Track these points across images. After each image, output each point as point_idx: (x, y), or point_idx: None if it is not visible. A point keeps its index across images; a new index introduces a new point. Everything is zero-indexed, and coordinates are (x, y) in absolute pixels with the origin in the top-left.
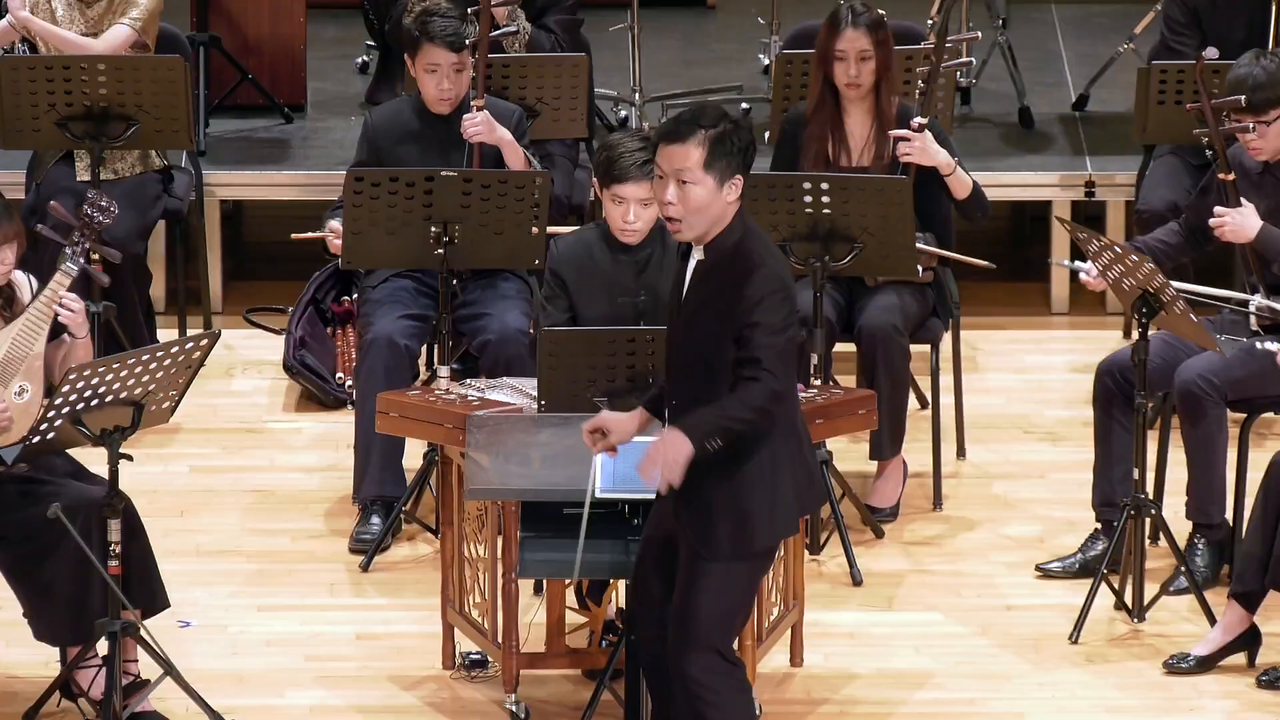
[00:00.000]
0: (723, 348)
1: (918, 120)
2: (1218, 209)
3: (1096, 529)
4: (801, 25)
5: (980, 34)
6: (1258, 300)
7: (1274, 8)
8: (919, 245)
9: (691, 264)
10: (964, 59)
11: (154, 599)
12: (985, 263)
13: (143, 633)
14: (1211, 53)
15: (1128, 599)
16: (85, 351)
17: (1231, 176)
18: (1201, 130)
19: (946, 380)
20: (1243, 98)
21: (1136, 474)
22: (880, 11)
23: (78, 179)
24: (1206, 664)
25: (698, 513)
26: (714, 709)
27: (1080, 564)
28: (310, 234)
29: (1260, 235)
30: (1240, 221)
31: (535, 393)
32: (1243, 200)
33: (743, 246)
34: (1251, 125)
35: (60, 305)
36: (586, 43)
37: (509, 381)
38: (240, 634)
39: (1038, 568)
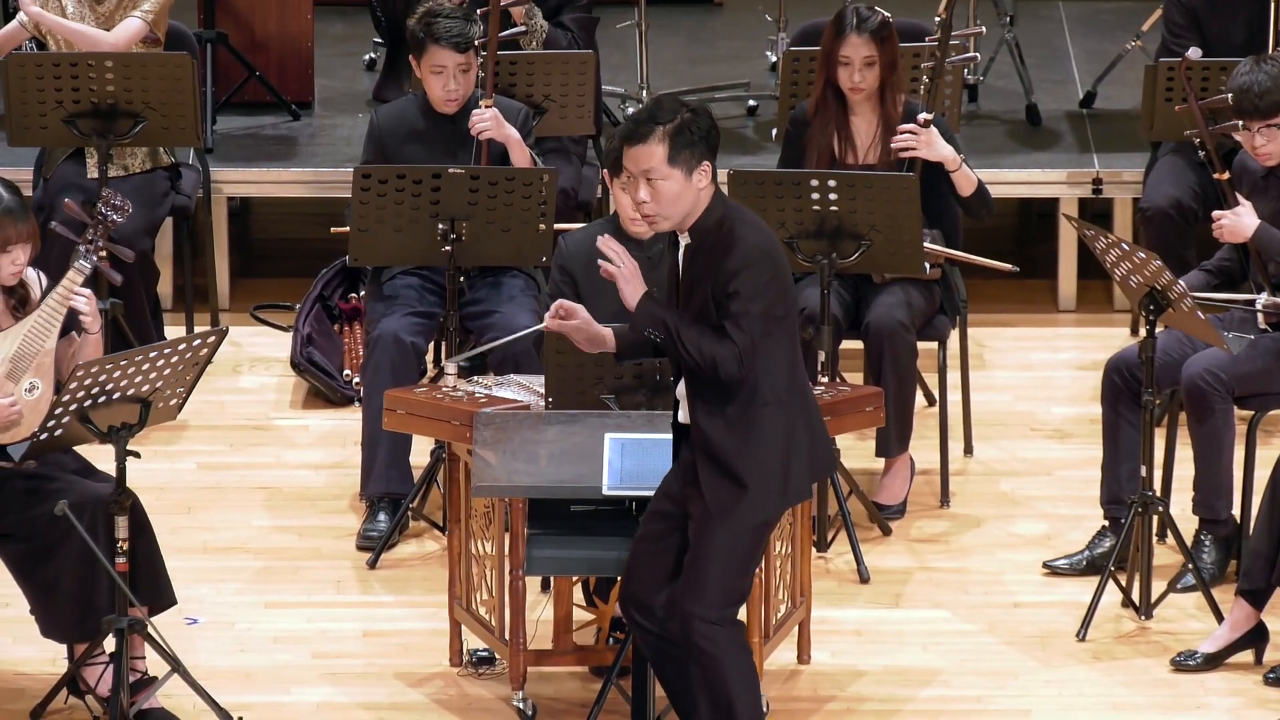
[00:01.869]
0: (709, 320)
1: (923, 115)
2: (1215, 212)
3: (1104, 526)
4: (809, 22)
5: (985, 28)
6: (1264, 298)
7: (1273, 9)
8: (934, 247)
9: (680, 251)
10: (969, 54)
11: (161, 596)
12: (1006, 265)
13: (150, 630)
14: (1194, 53)
15: (1135, 596)
16: (97, 347)
17: (1226, 176)
18: (1192, 132)
19: (954, 377)
20: (1241, 102)
21: (1144, 471)
22: (885, 13)
23: (88, 176)
24: (1213, 661)
25: (715, 481)
26: (722, 672)
27: (1087, 561)
28: (346, 229)
29: (1257, 234)
30: (1237, 221)
31: (542, 390)
32: (1240, 199)
33: (724, 224)
34: (1245, 125)
35: (73, 301)
36: (594, 40)
37: (516, 379)
38: (247, 631)
39: (1045, 565)
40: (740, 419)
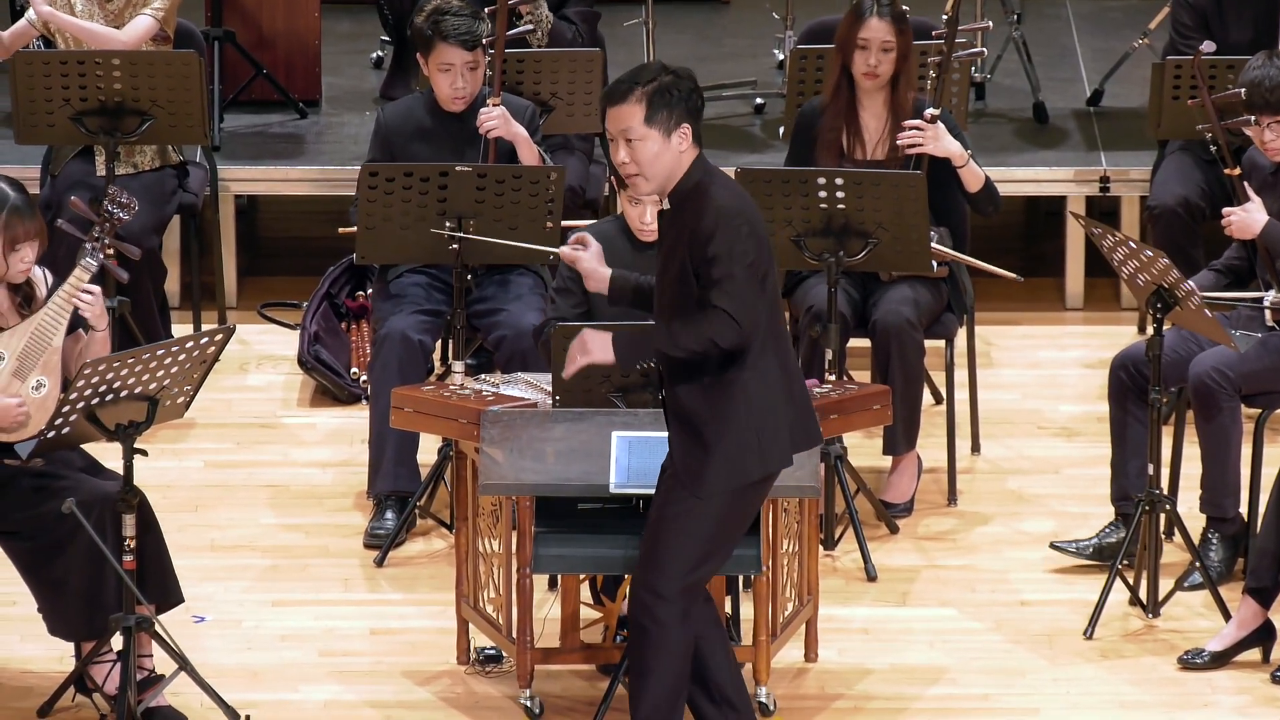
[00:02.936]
0: (689, 286)
1: (930, 111)
2: (1225, 209)
3: (1115, 520)
4: (816, 20)
5: (991, 23)
6: (1272, 296)
7: None
8: (939, 248)
9: (663, 217)
10: (976, 49)
11: (168, 594)
12: (1011, 274)
13: (157, 628)
14: (1208, 47)
15: (1142, 594)
16: (103, 345)
17: (1237, 172)
18: (1205, 126)
19: (961, 375)
20: (1252, 96)
21: (1151, 469)
22: (904, 6)
23: (96, 174)
24: (1221, 659)
25: (685, 446)
26: (647, 650)
27: (1094, 548)
28: (354, 229)
29: (1266, 230)
30: (1246, 217)
31: (549, 388)
32: (1250, 196)
33: (699, 187)
34: (1256, 120)
35: (79, 299)
36: (601, 37)
37: (523, 376)
38: (254, 629)
39: (1052, 544)
40: (714, 385)
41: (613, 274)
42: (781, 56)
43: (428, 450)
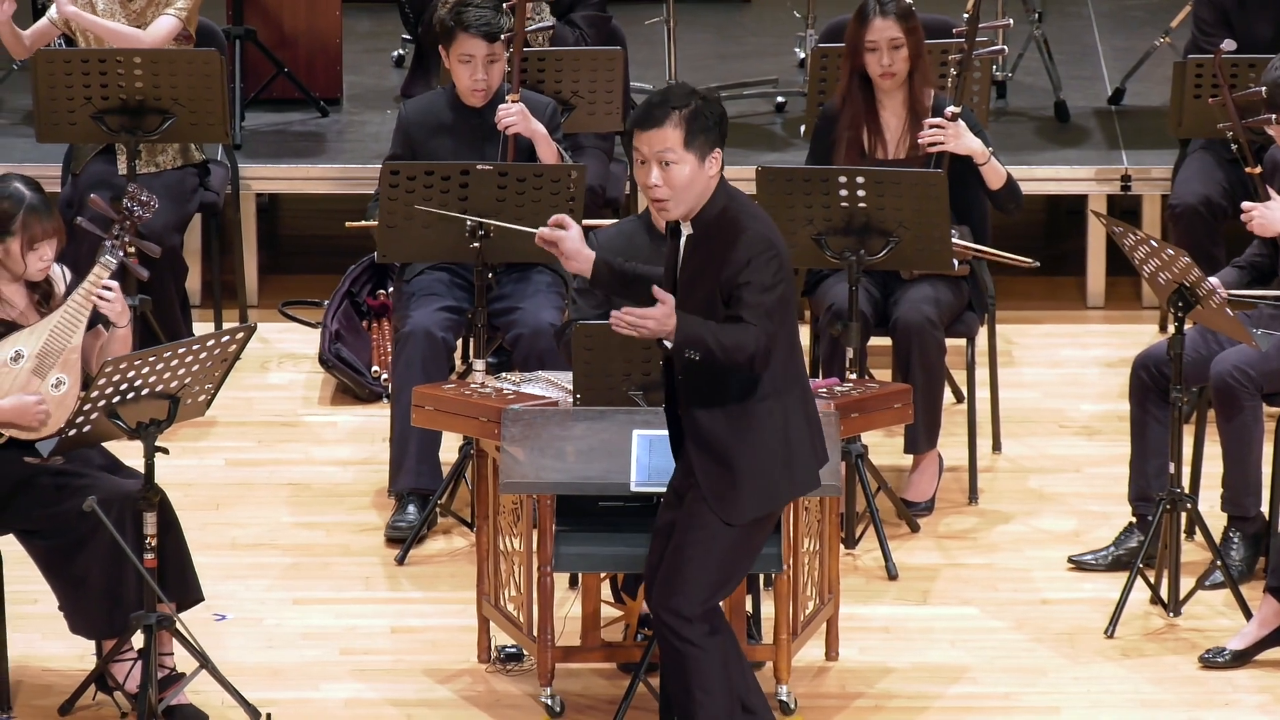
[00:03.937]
0: (715, 312)
1: (951, 109)
2: (1245, 203)
3: (1130, 523)
4: (837, 19)
5: (1011, 20)
6: None
7: None
8: (958, 241)
9: (682, 240)
10: (997, 46)
11: (189, 592)
12: (1028, 260)
13: (178, 626)
14: (1229, 45)
15: (1163, 593)
16: (125, 343)
17: (1259, 170)
18: (1226, 125)
19: (982, 374)
20: (1275, 95)
21: (1172, 468)
22: (908, 0)
23: (119, 173)
24: (1242, 658)
25: (713, 471)
26: (688, 672)
27: (1113, 557)
28: (363, 223)
29: None
30: (1268, 214)
31: (570, 386)
32: (1272, 194)
33: (727, 213)
34: (1278, 120)
35: (99, 296)
36: (622, 36)
37: (544, 375)
38: (275, 627)
39: (1070, 559)
40: (739, 413)
41: (596, 256)
42: (803, 55)
43: (449, 449)
